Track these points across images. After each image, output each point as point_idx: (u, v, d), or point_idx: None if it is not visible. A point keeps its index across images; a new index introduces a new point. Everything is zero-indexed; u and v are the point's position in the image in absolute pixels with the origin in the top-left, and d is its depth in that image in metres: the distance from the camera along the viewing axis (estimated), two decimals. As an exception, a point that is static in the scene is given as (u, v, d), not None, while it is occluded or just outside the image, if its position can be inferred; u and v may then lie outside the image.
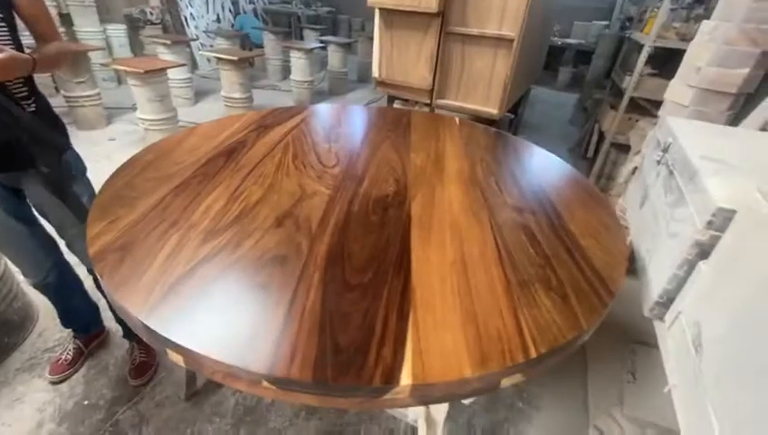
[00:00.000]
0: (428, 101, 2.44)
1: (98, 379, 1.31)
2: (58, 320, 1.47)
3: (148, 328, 0.58)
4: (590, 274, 0.77)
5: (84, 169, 1.15)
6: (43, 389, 1.26)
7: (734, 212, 0.70)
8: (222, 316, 0.60)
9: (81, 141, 3.02)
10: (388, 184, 1.05)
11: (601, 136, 3.06)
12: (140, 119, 2.74)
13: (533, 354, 0.59)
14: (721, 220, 0.72)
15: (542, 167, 1.27)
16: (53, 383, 1.27)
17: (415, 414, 1.12)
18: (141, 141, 3.01)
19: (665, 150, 1.11)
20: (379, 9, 2.27)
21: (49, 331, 1.46)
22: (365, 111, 1.72)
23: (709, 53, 1.63)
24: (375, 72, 2.51)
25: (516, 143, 1.42)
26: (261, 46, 5.56)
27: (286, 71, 5.24)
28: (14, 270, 1.45)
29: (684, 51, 1.84)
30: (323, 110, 1.62)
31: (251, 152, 1.15)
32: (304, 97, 4.26)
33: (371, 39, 6.35)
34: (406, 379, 0.53)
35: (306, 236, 0.80)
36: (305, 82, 4.14)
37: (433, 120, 1.60)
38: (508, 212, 0.96)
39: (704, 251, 0.76)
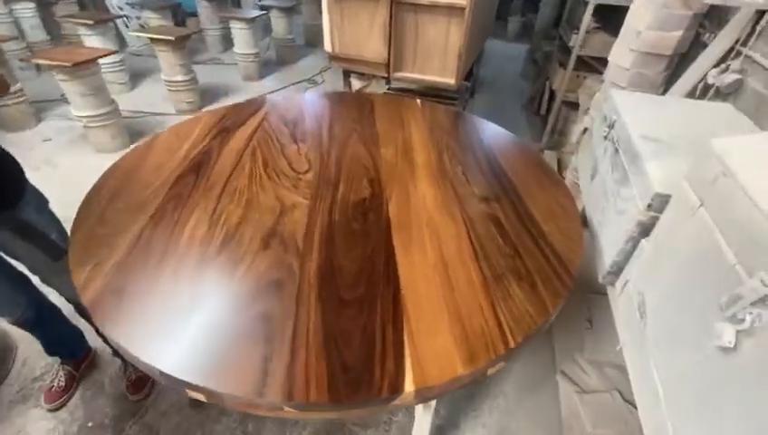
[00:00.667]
0: (385, 75, 2.42)
1: (96, 399, 1.33)
2: (40, 347, 1.45)
3: (167, 375, 0.62)
4: (553, 259, 0.87)
5: (45, 202, 1.09)
6: (42, 417, 1.27)
7: (669, 196, 0.81)
8: (235, 350, 0.65)
9: (11, 145, 2.72)
10: (363, 186, 1.08)
11: (552, 94, 3.18)
12: (78, 116, 2.51)
13: (512, 344, 0.69)
14: (658, 203, 0.84)
15: (502, 148, 1.34)
16: (51, 411, 1.28)
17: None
18: (82, 139, 2.78)
19: (610, 127, 1.21)
20: (326, -20, 2.15)
21: (32, 358, 1.44)
22: (325, 99, 1.69)
23: (649, 17, 1.72)
24: (327, 47, 2.42)
25: (476, 123, 1.48)
26: (195, 15, 5.08)
27: (227, 41, 4.87)
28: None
29: (627, 7, 1.91)
30: (282, 104, 1.58)
31: (218, 164, 1.13)
32: (252, 70, 4.03)
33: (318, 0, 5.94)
34: (409, 386, 0.62)
35: (295, 254, 0.84)
36: (250, 54, 3.89)
37: (396, 104, 1.61)
38: (476, 204, 1.04)
39: (645, 229, 0.88)
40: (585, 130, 2.17)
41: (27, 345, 1.47)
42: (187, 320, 0.69)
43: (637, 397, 0.80)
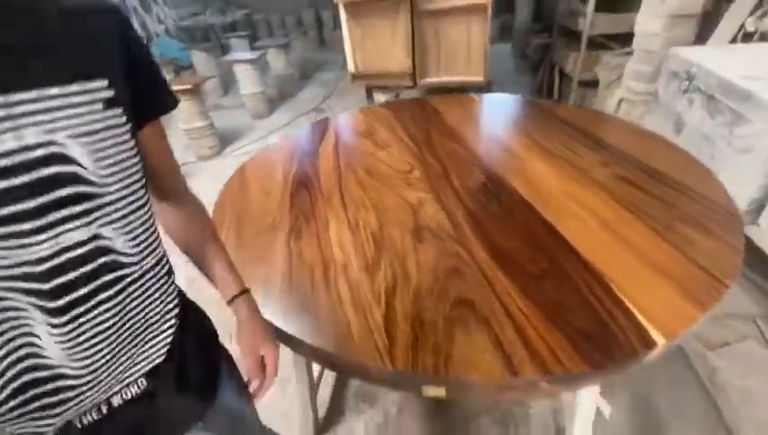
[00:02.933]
0: (411, 84, 2.46)
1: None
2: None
3: (399, 373, 0.58)
4: (707, 202, 0.86)
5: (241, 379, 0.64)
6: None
7: (817, 118, 0.82)
8: (460, 338, 0.61)
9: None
10: (476, 174, 1.08)
11: (563, 76, 3.25)
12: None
13: (728, 283, 0.67)
14: (805, 128, 0.84)
15: (585, 119, 1.35)
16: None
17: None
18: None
19: (690, 79, 1.23)
20: (344, 3, 2.21)
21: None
22: (386, 109, 1.70)
23: (670, -18, 1.78)
24: (350, 68, 2.47)
25: (541, 105, 1.50)
26: (188, 67, 5.18)
27: (225, 86, 4.95)
28: None
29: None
30: (344, 120, 1.58)
31: (322, 179, 1.12)
32: (261, 108, 4.08)
33: (306, 34, 6.09)
34: (660, 338, 0.59)
35: (455, 242, 0.82)
36: (257, 92, 3.95)
37: (454, 102, 1.63)
38: (599, 169, 1.03)
39: (789, 157, 0.88)
40: (621, 100, 2.21)
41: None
42: (395, 323, 0.66)
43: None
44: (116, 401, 0.45)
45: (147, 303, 0.46)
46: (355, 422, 1.30)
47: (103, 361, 0.42)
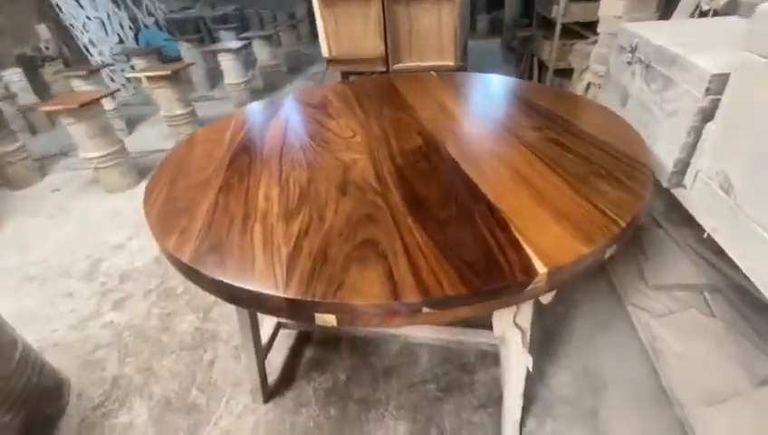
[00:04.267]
0: (384, 69, 2.48)
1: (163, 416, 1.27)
2: (94, 378, 1.40)
3: (292, 301, 0.60)
4: (625, 159, 0.88)
5: None
6: (113, 441, 1.21)
7: (727, 75, 0.84)
8: (356, 271, 0.64)
9: (20, 200, 2.72)
10: (414, 137, 1.10)
11: (541, 66, 3.28)
12: (87, 159, 2.51)
13: (623, 224, 0.69)
14: (717, 84, 0.86)
15: (529, 90, 1.37)
16: None
17: (488, 337, 1.22)
18: (91, 184, 2.77)
19: (633, 51, 1.25)
20: (315, -13, 2.24)
21: (88, 389, 1.38)
22: (345, 86, 1.72)
23: (631, -36, 1.81)
24: (324, 53, 2.49)
25: (495, 79, 1.52)
26: (176, 59, 5.20)
27: (213, 78, 4.97)
28: (31, 339, 1.35)
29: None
30: (303, 94, 1.60)
31: (267, 145, 1.14)
32: (244, 99, 4.09)
33: (294, 27, 6.11)
34: (541, 268, 0.61)
35: (374, 194, 0.84)
36: (241, 83, 3.97)
37: (413, 78, 1.65)
38: (530, 132, 1.05)
39: (707, 114, 0.90)
40: (589, 84, 2.23)
41: (79, 378, 1.41)
42: (298, 258, 0.68)
43: (746, 266, 0.80)
44: None
45: None
46: (304, 388, 1.32)
47: None
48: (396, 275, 0.62)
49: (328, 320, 0.61)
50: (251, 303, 0.65)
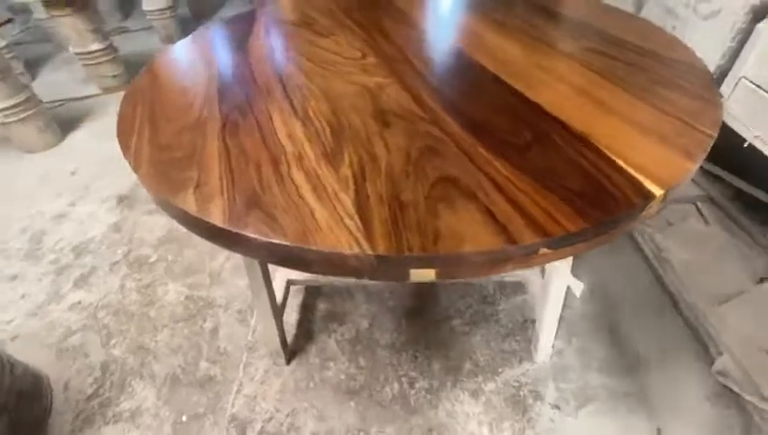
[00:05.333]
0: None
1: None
2: (78, 367, 1.23)
3: (383, 258, 0.49)
4: (680, 66, 0.81)
5: None
6: (122, 431, 1.08)
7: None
8: (451, 217, 0.52)
9: None
10: (437, 55, 0.94)
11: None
12: (-14, 113, 2.00)
13: (713, 134, 0.63)
14: (779, -25, 0.79)
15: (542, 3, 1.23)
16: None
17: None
18: (5, 143, 2.26)
19: (653, -54, 1.14)
20: None
21: (74, 379, 1.20)
22: None
23: None
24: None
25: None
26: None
27: (124, 5, 4.13)
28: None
29: None
30: (271, 10, 1.32)
31: (258, 72, 0.92)
32: (171, 30, 3.46)
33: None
34: (657, 190, 0.54)
35: (425, 122, 0.71)
36: (165, 9, 3.31)
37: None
38: (564, 42, 0.95)
39: (758, 13, 0.84)
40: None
41: (58, 370, 1.23)
42: (368, 208, 0.55)
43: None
44: None
45: None
46: (326, 342, 1.25)
47: None
48: (498, 214, 0.52)
49: (426, 275, 0.51)
50: (324, 266, 0.53)
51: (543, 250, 0.50)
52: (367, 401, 1.10)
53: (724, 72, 0.95)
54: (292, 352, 1.22)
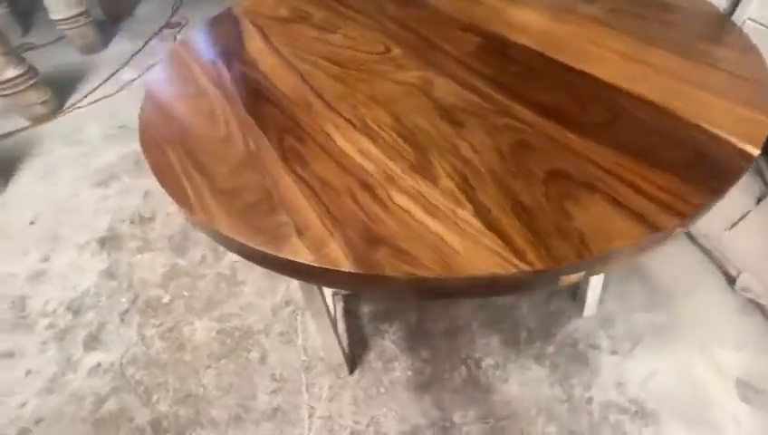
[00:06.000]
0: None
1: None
2: (124, 433, 1.13)
3: (539, 273, 0.48)
4: (702, 16, 0.84)
5: None
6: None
7: None
8: (584, 214, 0.52)
9: None
10: (467, 38, 0.90)
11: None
12: None
13: (772, 84, 0.67)
14: None
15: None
16: None
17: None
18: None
19: None
20: None
21: None
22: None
23: None
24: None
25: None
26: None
27: (24, 19, 3.57)
28: None
29: None
30: (254, 9, 1.19)
31: (279, 80, 0.83)
32: (90, 38, 3.04)
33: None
34: (753, 149, 0.57)
35: (497, 114, 0.68)
36: (79, 15, 2.89)
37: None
38: (583, 6, 0.94)
39: (761, -46, 0.88)
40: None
41: None
42: (494, 219, 0.53)
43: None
44: None
45: None
46: (382, 344, 1.24)
47: None
48: (627, 203, 0.52)
49: (574, 278, 0.51)
50: (469, 291, 0.51)
51: (678, 230, 0.52)
52: (441, 392, 1.12)
53: (728, 15, 1.00)
54: (351, 361, 1.20)
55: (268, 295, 1.39)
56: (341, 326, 1.28)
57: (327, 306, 1.02)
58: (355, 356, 1.21)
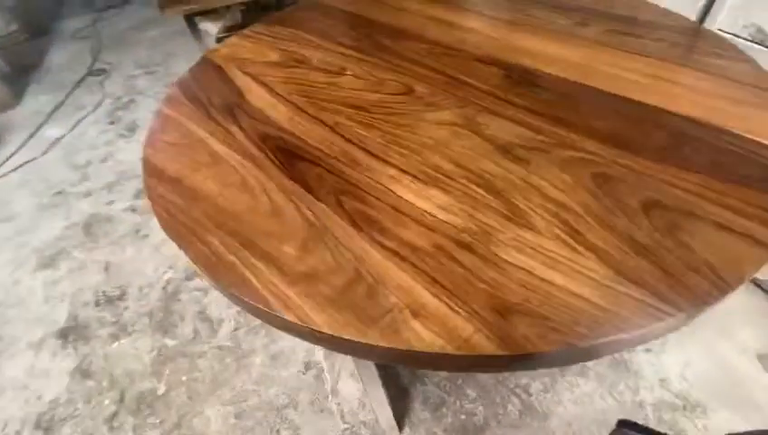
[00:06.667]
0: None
1: None
2: None
3: (690, 307, 0.45)
4: (687, 30, 0.91)
5: None
6: None
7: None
8: (704, 247, 0.51)
9: None
10: (486, 70, 0.88)
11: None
12: None
13: (787, 91, 0.73)
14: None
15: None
16: None
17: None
18: None
19: None
20: None
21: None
22: (279, 28, 1.21)
23: None
24: (154, -8, 1.72)
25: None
26: None
27: None
28: None
29: None
30: (234, 56, 1.09)
31: (303, 133, 0.75)
32: (1, 94, 2.66)
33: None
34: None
35: (558, 147, 0.67)
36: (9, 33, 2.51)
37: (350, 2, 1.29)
38: (581, 29, 0.97)
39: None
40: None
41: None
42: (622, 264, 0.50)
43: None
44: None
45: None
46: (425, 391, 1.16)
47: None
48: (737, 228, 0.52)
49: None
50: (634, 344, 0.47)
51: (780, 242, 0.53)
52: (500, 428, 1.07)
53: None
54: (398, 418, 1.10)
55: (284, 362, 1.25)
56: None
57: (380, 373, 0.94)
58: (401, 410, 1.12)
